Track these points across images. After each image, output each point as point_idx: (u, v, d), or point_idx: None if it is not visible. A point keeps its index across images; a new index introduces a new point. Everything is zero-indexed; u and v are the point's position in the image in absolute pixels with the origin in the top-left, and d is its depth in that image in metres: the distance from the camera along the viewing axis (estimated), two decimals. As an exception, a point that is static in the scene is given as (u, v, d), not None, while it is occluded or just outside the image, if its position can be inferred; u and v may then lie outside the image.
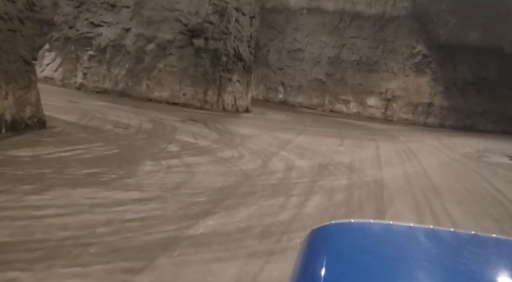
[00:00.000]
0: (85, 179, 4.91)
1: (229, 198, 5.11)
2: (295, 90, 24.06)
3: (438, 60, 21.93)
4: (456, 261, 1.10)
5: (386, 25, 22.61)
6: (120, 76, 13.89)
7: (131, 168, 5.73)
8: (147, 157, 6.49)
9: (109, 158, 6.09)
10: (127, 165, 5.85)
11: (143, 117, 10.49)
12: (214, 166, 6.64)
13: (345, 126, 16.75)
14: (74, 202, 4.15)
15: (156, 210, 4.28)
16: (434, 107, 21.90)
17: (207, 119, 12.08)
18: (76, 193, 4.41)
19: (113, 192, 4.62)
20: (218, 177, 6.03)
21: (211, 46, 14.43)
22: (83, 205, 4.09)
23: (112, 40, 14.00)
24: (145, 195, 4.70)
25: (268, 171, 6.87)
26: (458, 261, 1.10)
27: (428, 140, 15.44)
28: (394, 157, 10.39)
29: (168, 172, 5.85)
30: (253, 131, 11.20)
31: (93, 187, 4.66)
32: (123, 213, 4.05)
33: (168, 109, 13.11)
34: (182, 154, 7.13)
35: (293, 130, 12.78)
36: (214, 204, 4.77)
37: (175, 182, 5.41)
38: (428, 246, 1.24)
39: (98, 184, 4.81)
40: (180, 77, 14.14)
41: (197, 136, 9.13)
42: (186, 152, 7.30)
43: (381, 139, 13.87)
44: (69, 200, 4.17)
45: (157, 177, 5.51)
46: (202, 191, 5.19)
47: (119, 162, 5.95)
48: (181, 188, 5.20)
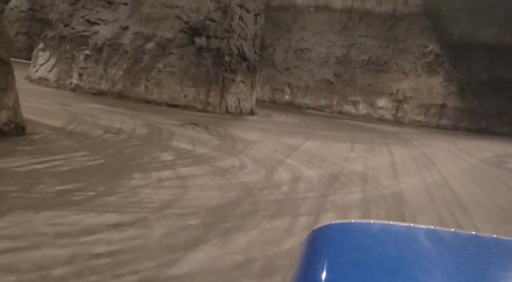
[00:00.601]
0: (55, 199, 4.15)
1: (226, 219, 4.34)
2: (302, 91, 23.33)
3: (452, 60, 21.08)
4: (457, 261, 1.05)
5: (397, 23, 21.79)
6: (118, 77, 13.17)
7: (114, 182, 4.97)
8: (135, 169, 5.74)
9: (90, 171, 5.33)
10: (110, 179, 5.10)
11: (139, 121, 9.75)
12: (212, 178, 5.88)
13: (355, 129, 15.94)
14: (34, 230, 3.40)
15: (135, 239, 3.51)
16: (447, 108, 21.03)
17: (209, 123, 11.32)
18: (40, 218, 3.65)
19: (85, 215, 3.86)
20: (215, 192, 5.26)
21: (214, 45, 13.68)
22: (44, 235, 3.34)
23: (109, 39, 13.28)
24: (125, 218, 3.94)
25: (273, 184, 6.09)
26: (459, 262, 1.04)
27: (443, 144, 14.61)
28: (410, 164, 9.58)
29: (157, 186, 5.09)
30: (257, 136, 10.43)
31: (62, 209, 3.91)
32: (92, 246, 3.29)
33: (167, 112, 12.37)
34: (176, 164, 6.36)
35: (300, 134, 12.00)
36: (208, 228, 4.01)
37: (164, 199, 4.64)
38: (429, 246, 1.19)
39: (69, 205, 4.05)
40: (180, 78, 13.40)
41: (195, 142, 8.37)
42: (181, 162, 6.54)
43: (394, 143, 13.05)
44: (28, 229, 3.41)
45: (143, 193, 4.75)
46: (194, 211, 4.43)
47: (101, 175, 5.19)
48: (170, 207, 4.43)
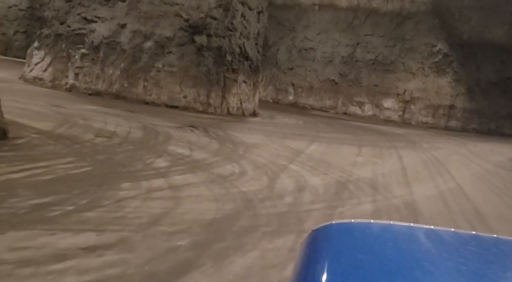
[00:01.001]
0: (26, 215, 3.66)
1: (221, 238, 3.84)
2: (306, 92, 22.80)
3: (460, 59, 20.49)
4: (457, 261, 1.02)
5: (404, 22, 21.21)
6: (115, 77, 12.69)
7: (99, 194, 4.47)
8: (124, 177, 5.24)
9: (73, 180, 4.84)
10: (95, 189, 4.60)
11: (135, 123, 9.25)
12: (208, 187, 5.37)
13: (361, 131, 15.39)
14: (-6, 256, 2.90)
15: (112, 267, 3.01)
16: (456, 109, 20.45)
17: (209, 125, 10.82)
18: (4, 240, 3.15)
19: (59, 235, 3.36)
20: (211, 204, 4.76)
21: (215, 44, 13.18)
22: (4, 263, 2.84)
23: (106, 37, 12.81)
24: (104, 238, 3.44)
25: (275, 194, 5.58)
26: (459, 261, 1.02)
27: (453, 147, 14.06)
28: (422, 170, 9.05)
29: (147, 198, 4.59)
30: (259, 139, 9.92)
31: (33, 228, 3.41)
32: (61, 276, 2.78)
33: (166, 113, 11.88)
34: (170, 171, 5.86)
35: (304, 137, 11.48)
36: (199, 250, 3.50)
37: (152, 214, 4.14)
38: (429, 246, 1.15)
39: (42, 223, 3.55)
40: (180, 77, 12.91)
41: (193, 146, 7.87)
42: (176, 169, 6.03)
43: (402, 146, 12.51)
44: (-14, 254, 2.92)
45: (130, 207, 4.25)
46: (186, 228, 3.93)
47: (85, 185, 4.69)
48: (158, 223, 3.93)
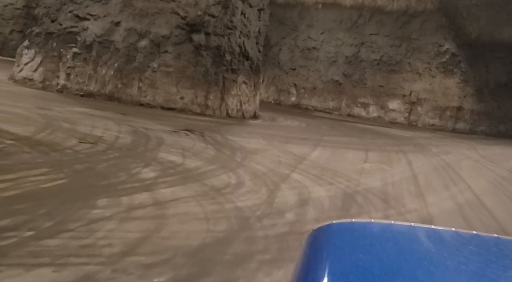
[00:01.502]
0: (-30, 245, 3.02)
1: (208, 271, 3.19)
2: (309, 93, 22.17)
3: (468, 60, 19.82)
4: (457, 261, 1.03)
5: (410, 21, 20.56)
6: (108, 77, 12.07)
7: (68, 214, 3.84)
8: (103, 191, 4.60)
9: (42, 196, 4.20)
10: (65, 208, 3.96)
11: (125, 127, 8.63)
12: (199, 203, 4.73)
13: (367, 134, 14.73)
14: None
15: (66, 319, 2.37)
16: (464, 111, 19.78)
17: (206, 128, 10.18)
18: None
19: (5, 273, 2.72)
20: (200, 224, 4.12)
21: (213, 43, 12.54)
22: None
23: (99, 36, 12.20)
24: (62, 276, 2.79)
25: (275, 209, 4.94)
26: (459, 261, 1.03)
27: (463, 151, 13.39)
28: (434, 178, 8.39)
29: (125, 219, 3.95)
30: (260, 144, 9.28)
31: (-26, 264, 2.77)
32: None
33: (161, 115, 11.25)
34: (157, 183, 5.22)
35: (307, 141, 10.83)
36: (181, 289, 2.86)
37: (129, 240, 3.50)
38: (429, 245, 1.15)
39: (-13, 256, 2.91)
40: (177, 78, 12.29)
41: (187, 153, 7.23)
42: (165, 180, 5.39)
43: (411, 150, 11.85)
44: None
45: (103, 231, 3.60)
46: (167, 258, 3.28)
47: (55, 203, 4.06)
48: (133, 253, 3.29)
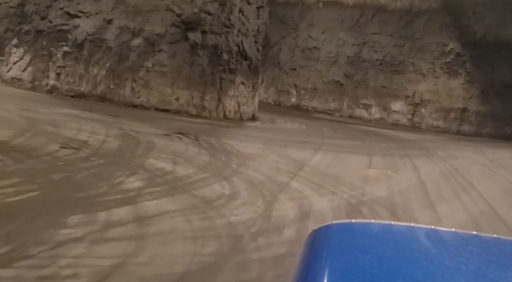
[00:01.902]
0: None
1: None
2: (309, 93, 21.65)
3: (474, 60, 19.29)
4: (457, 261, 1.02)
5: (414, 20, 20.03)
6: (100, 77, 11.56)
7: (31, 235, 3.32)
8: (77, 206, 4.08)
9: (5, 213, 3.68)
10: (29, 228, 3.44)
11: (114, 130, 8.11)
12: (187, 218, 4.22)
13: (369, 137, 14.20)
14: None
15: None
16: (469, 113, 19.25)
17: (201, 131, 9.67)
18: None
19: None
20: (186, 245, 3.60)
21: (210, 41, 12.03)
22: None
23: (90, 34, 11.69)
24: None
25: (272, 225, 4.43)
26: (459, 261, 1.02)
27: (470, 154, 12.86)
28: (443, 185, 7.87)
29: (99, 240, 3.43)
30: (257, 148, 8.76)
31: None
32: None
33: (155, 117, 10.74)
34: (142, 195, 4.70)
35: (308, 145, 10.31)
36: None
37: (98, 268, 2.98)
38: (429, 246, 1.14)
39: None
40: (172, 78, 11.77)
41: (178, 159, 6.71)
42: (151, 191, 4.87)
43: (416, 154, 11.32)
44: None
45: (69, 256, 3.08)
46: (143, 292, 2.77)
47: (19, 221, 3.54)
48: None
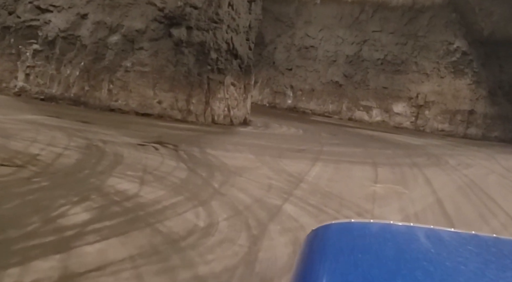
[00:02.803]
0: None
1: None
2: (306, 95, 20.55)
3: (481, 59, 18.22)
4: (456, 261, 1.02)
5: (417, 17, 18.94)
6: (73, 78, 10.44)
7: None
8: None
9: None
10: None
11: (78, 140, 6.94)
12: (137, 273, 3.05)
13: (372, 142, 13.06)
14: None
15: None
16: (476, 115, 18.17)
17: (183, 140, 8.51)
18: None
19: None
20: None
21: (196, 38, 10.88)
22: None
23: (63, 30, 10.57)
24: None
25: (256, 276, 3.28)
26: (458, 261, 1.02)
27: (483, 162, 11.74)
28: (464, 204, 6.72)
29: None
30: (247, 160, 7.61)
31: None
32: None
33: (133, 123, 9.59)
34: (83, 235, 3.53)
35: (305, 154, 9.17)
36: None
37: None
38: (429, 246, 1.14)
39: None
40: (154, 79, 10.64)
41: (148, 176, 5.54)
42: (97, 228, 3.70)
43: (425, 163, 10.19)
44: None
45: None
46: None
47: None
48: None
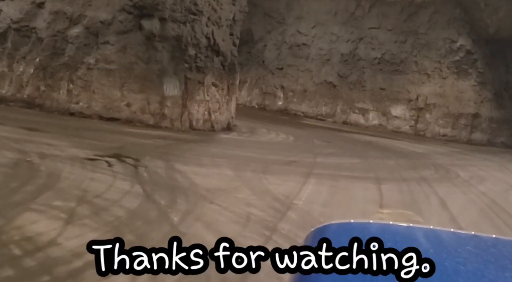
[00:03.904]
0: None
1: None
2: (298, 96, 19.26)
3: (486, 58, 17.09)
4: (455, 261, 1.05)
5: (418, 12, 17.74)
6: (27, 77, 9.06)
7: None
8: None
9: None
10: None
11: (7, 153, 5.51)
12: None
13: (371, 151, 11.68)
14: None
15: None
16: (481, 119, 16.97)
17: (149, 151, 7.10)
18: None
19: None
20: None
21: (171, 32, 9.48)
22: None
23: (16, 21, 9.21)
24: None
25: None
26: (457, 262, 1.05)
27: (497, 174, 10.49)
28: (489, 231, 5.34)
29: None
30: (223, 177, 6.20)
31: None
32: None
33: (94, 130, 8.17)
34: None
35: (295, 167, 7.78)
36: None
37: None
38: (428, 246, 1.16)
39: None
40: (121, 78, 9.25)
41: (83, 207, 4.13)
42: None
43: (435, 177, 8.89)
44: None
45: None
46: None
47: None
48: None
